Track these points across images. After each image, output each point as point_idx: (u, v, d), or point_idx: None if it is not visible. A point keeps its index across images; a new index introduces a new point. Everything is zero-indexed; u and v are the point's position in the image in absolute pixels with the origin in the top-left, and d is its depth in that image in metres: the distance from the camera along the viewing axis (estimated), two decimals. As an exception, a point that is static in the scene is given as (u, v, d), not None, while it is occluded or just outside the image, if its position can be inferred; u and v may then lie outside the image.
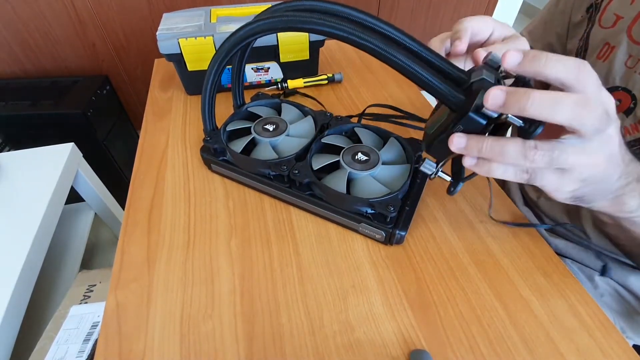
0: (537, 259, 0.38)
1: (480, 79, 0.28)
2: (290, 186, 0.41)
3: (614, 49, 0.42)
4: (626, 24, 0.41)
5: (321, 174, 0.40)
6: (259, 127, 0.45)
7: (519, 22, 1.63)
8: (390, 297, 0.35)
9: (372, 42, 0.28)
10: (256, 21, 0.33)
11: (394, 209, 0.35)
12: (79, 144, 0.84)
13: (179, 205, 0.44)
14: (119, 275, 0.37)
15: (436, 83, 0.29)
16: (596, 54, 0.44)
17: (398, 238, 0.37)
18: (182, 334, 0.33)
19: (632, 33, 0.40)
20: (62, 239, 0.88)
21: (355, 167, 0.40)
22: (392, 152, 0.43)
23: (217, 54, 0.37)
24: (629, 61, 0.40)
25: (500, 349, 0.31)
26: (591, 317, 0.33)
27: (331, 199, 0.39)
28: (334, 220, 0.41)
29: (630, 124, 0.41)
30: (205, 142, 0.45)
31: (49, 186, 0.71)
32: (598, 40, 0.44)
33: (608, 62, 0.42)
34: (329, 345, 0.32)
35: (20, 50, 1.17)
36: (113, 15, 1.17)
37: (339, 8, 0.31)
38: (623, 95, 0.41)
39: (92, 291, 0.70)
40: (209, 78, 0.40)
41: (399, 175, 0.40)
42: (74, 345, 0.59)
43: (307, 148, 0.43)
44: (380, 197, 0.36)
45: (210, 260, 0.38)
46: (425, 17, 1.43)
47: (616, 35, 0.42)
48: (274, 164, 0.41)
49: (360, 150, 0.41)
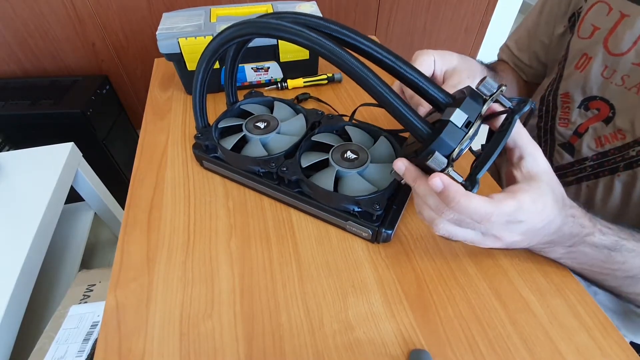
0: (536, 258, 0.38)
1: (445, 121, 0.28)
2: (279, 183, 0.41)
3: (591, 59, 0.42)
4: (602, 35, 0.41)
5: (310, 171, 0.41)
6: (250, 125, 0.46)
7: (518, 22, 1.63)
8: (390, 296, 0.35)
9: (333, 51, 0.28)
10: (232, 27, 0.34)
11: (380, 207, 0.35)
12: (79, 143, 0.84)
13: (179, 205, 0.44)
14: (118, 274, 0.37)
15: (405, 113, 0.29)
16: (574, 64, 0.45)
17: (384, 236, 0.37)
18: (181, 333, 0.33)
19: (608, 44, 0.41)
20: (61, 239, 0.88)
21: (344, 165, 0.40)
22: (382, 150, 0.43)
23: (201, 57, 0.39)
24: (605, 72, 0.41)
25: (500, 348, 0.31)
26: (590, 316, 0.33)
27: (319, 197, 0.39)
28: (322, 217, 0.41)
29: (610, 133, 0.42)
30: (196, 139, 0.45)
31: (49, 186, 0.71)
32: (576, 50, 0.45)
33: (585, 73, 0.43)
34: (329, 345, 0.32)
35: (19, 50, 1.17)
36: (113, 15, 1.16)
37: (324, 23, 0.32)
38: (601, 105, 0.42)
39: (92, 291, 0.70)
40: (197, 78, 0.41)
41: (387, 174, 0.40)
42: (73, 344, 0.59)
43: (297, 146, 0.43)
44: (367, 195, 0.36)
45: (210, 259, 0.38)
46: (425, 17, 1.42)
47: (593, 46, 0.42)
48: (263, 161, 0.41)
49: (349, 148, 0.41)
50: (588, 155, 0.44)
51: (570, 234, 0.31)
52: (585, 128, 0.44)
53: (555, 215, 0.30)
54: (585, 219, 0.32)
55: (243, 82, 0.62)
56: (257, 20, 0.32)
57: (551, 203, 0.29)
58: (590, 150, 0.44)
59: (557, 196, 0.30)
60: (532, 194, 0.28)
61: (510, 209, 0.27)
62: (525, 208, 0.28)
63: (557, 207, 0.30)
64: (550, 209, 0.29)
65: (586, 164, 0.45)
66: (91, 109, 1.08)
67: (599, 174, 0.44)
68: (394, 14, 1.39)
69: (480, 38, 1.55)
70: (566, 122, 0.47)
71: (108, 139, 1.16)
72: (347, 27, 0.31)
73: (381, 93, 0.29)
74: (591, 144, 0.44)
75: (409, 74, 0.30)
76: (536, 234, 0.31)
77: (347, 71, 0.29)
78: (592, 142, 0.44)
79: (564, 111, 0.47)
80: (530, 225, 0.29)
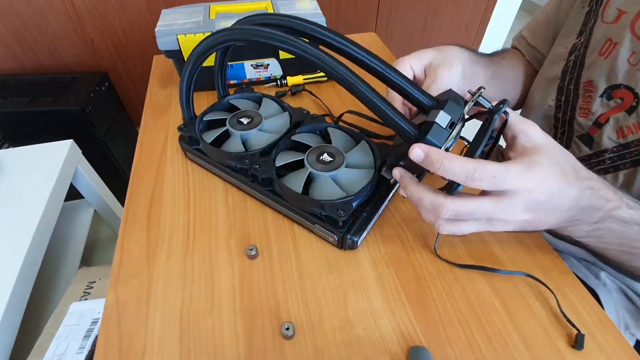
0: (536, 256, 0.38)
1: (431, 122, 0.30)
2: (252, 180, 0.41)
3: (617, 45, 0.40)
4: (629, 19, 0.39)
5: (287, 171, 0.40)
6: (234, 120, 0.46)
7: (520, 19, 1.63)
8: (390, 293, 0.35)
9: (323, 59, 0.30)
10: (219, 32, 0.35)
11: (344, 213, 0.34)
12: (78, 140, 0.84)
13: (179, 202, 0.44)
14: (118, 271, 0.37)
15: (391, 115, 0.30)
16: (597, 51, 0.43)
17: (350, 243, 0.37)
18: (181, 330, 0.33)
19: (636, 29, 0.39)
20: (61, 236, 0.88)
21: (317, 167, 0.39)
22: (360, 155, 0.41)
23: (189, 57, 0.40)
24: (631, 58, 0.39)
25: (499, 345, 0.31)
26: (590, 314, 0.33)
27: (288, 197, 0.39)
28: (292, 218, 0.41)
29: (633, 123, 0.40)
30: (180, 130, 0.46)
31: (48, 183, 0.71)
32: (600, 36, 0.43)
33: (610, 60, 0.41)
34: (328, 342, 0.32)
35: (18, 47, 1.16)
36: (111, 12, 1.16)
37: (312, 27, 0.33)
38: (625, 94, 0.40)
39: (92, 288, 0.70)
40: (183, 77, 0.42)
41: (360, 179, 0.39)
42: (74, 341, 0.59)
43: (275, 144, 0.42)
44: (333, 200, 0.35)
45: (210, 257, 0.38)
46: (426, 14, 1.42)
47: (619, 31, 0.40)
48: (238, 156, 0.41)
49: (326, 150, 0.41)
50: (608, 147, 0.42)
51: (591, 207, 0.30)
52: (606, 118, 0.42)
53: (566, 188, 0.29)
54: (609, 191, 0.30)
55: (242, 79, 0.62)
56: (243, 27, 0.34)
57: (552, 174, 0.28)
58: (610, 142, 0.42)
59: (565, 168, 0.29)
60: (522, 163, 0.28)
61: (494, 168, 0.27)
62: (512, 173, 0.27)
63: (567, 179, 0.29)
64: (553, 181, 0.28)
65: (605, 156, 0.43)
66: (90, 106, 1.07)
67: (619, 167, 0.42)
68: (394, 11, 1.38)
69: (480, 35, 1.55)
70: (586, 112, 0.44)
71: (107, 136, 1.16)
72: (338, 33, 0.33)
73: (369, 98, 0.30)
74: (612, 135, 0.42)
75: (395, 79, 0.32)
76: (546, 210, 0.29)
77: (335, 77, 0.30)
78: (613, 133, 0.42)
79: (585, 100, 0.45)
80: (529, 198, 0.28)
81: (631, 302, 0.46)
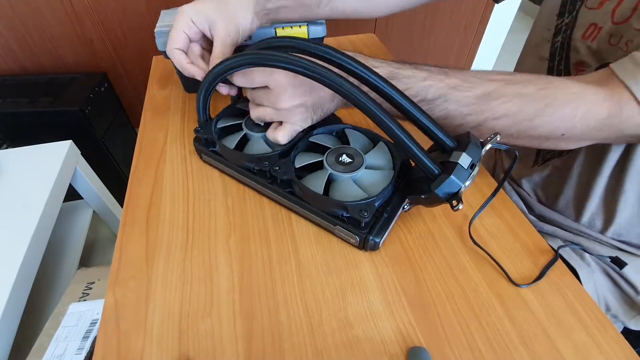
0: (535, 256, 0.38)
1: (454, 163, 0.31)
2: (272, 182, 0.41)
3: (601, 29, 0.42)
4: (611, 6, 0.41)
5: (305, 172, 0.40)
6: (249, 123, 0.45)
7: (519, 20, 1.63)
8: (389, 295, 0.35)
9: (358, 96, 0.31)
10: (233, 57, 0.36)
11: (368, 215, 0.34)
12: (77, 141, 0.84)
13: (178, 203, 0.44)
14: (117, 272, 0.37)
15: (419, 154, 0.32)
16: (581, 33, 0.44)
17: (372, 244, 0.37)
18: (180, 332, 0.33)
19: (615, 14, 0.40)
20: (60, 237, 0.88)
21: (337, 168, 0.39)
22: (379, 157, 0.41)
23: (205, 77, 0.41)
24: (611, 39, 0.41)
25: (498, 346, 0.31)
26: (588, 314, 0.33)
27: (309, 199, 0.39)
28: (312, 220, 0.41)
29: None
30: (196, 132, 0.46)
31: (47, 184, 0.71)
32: (584, 20, 0.44)
33: (596, 42, 0.43)
34: (328, 343, 0.32)
35: (17, 47, 1.16)
36: (111, 12, 1.16)
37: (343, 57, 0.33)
38: None
39: (91, 288, 0.70)
40: (201, 92, 0.43)
41: (380, 180, 0.39)
42: (73, 342, 0.59)
43: (294, 145, 0.42)
44: (356, 201, 0.35)
45: (209, 258, 0.38)
46: (425, 14, 1.42)
47: (602, 16, 0.42)
48: (257, 158, 0.41)
49: (345, 152, 0.40)
50: None
51: None
52: None
53: None
54: None
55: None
56: (267, 53, 0.34)
57: None
58: None
59: None
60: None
61: None
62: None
63: None
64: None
65: None
66: (89, 106, 1.07)
67: None
68: (393, 11, 1.38)
69: (480, 35, 1.55)
70: None
71: (106, 136, 1.16)
72: (367, 68, 0.33)
73: (398, 135, 0.31)
74: None
75: (422, 120, 0.33)
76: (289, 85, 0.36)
77: (366, 112, 0.31)
78: None
79: None
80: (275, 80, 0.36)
81: (617, 286, 0.47)
